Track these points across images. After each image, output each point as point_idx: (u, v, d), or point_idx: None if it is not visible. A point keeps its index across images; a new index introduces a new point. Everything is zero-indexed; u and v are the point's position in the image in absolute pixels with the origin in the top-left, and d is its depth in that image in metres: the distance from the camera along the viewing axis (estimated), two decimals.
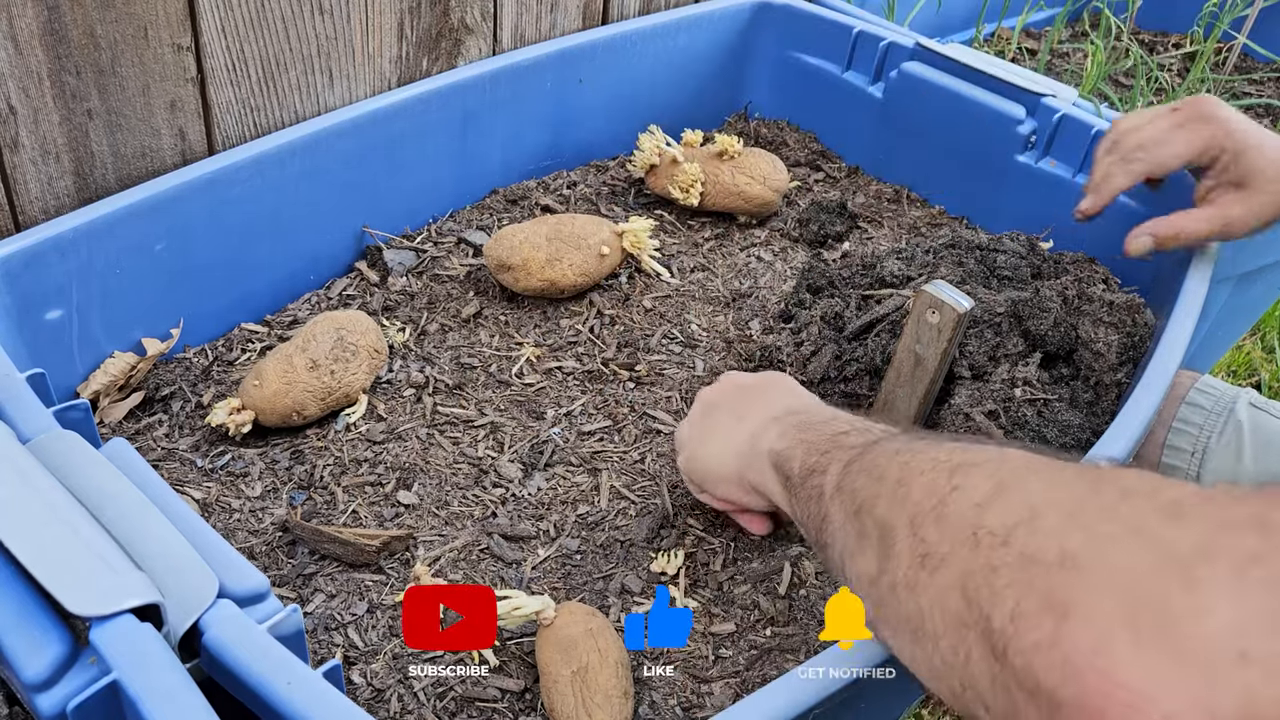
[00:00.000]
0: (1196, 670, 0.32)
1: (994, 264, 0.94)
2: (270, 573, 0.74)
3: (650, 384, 0.92)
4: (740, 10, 1.25)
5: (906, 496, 0.47)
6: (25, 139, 0.81)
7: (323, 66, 0.97)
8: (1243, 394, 0.85)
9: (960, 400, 0.82)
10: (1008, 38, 1.67)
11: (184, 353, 0.91)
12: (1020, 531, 0.39)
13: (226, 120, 0.92)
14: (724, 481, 0.70)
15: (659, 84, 1.22)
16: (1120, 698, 0.33)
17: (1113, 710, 0.33)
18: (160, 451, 0.83)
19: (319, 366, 0.83)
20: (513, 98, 1.09)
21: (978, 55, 1.11)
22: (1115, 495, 0.38)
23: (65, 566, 0.47)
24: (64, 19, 0.78)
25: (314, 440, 0.84)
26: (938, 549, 0.43)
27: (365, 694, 0.66)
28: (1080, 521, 0.38)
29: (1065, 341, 0.86)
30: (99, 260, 0.83)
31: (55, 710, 0.45)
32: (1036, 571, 0.38)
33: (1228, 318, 1.35)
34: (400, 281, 1.00)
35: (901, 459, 0.49)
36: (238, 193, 0.90)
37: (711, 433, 0.72)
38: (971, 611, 0.40)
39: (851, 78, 1.21)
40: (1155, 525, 0.36)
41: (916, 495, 0.46)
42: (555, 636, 0.66)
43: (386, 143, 1.00)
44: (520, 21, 1.12)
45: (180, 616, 0.49)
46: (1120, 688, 0.33)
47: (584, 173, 1.19)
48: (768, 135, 1.26)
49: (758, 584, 0.74)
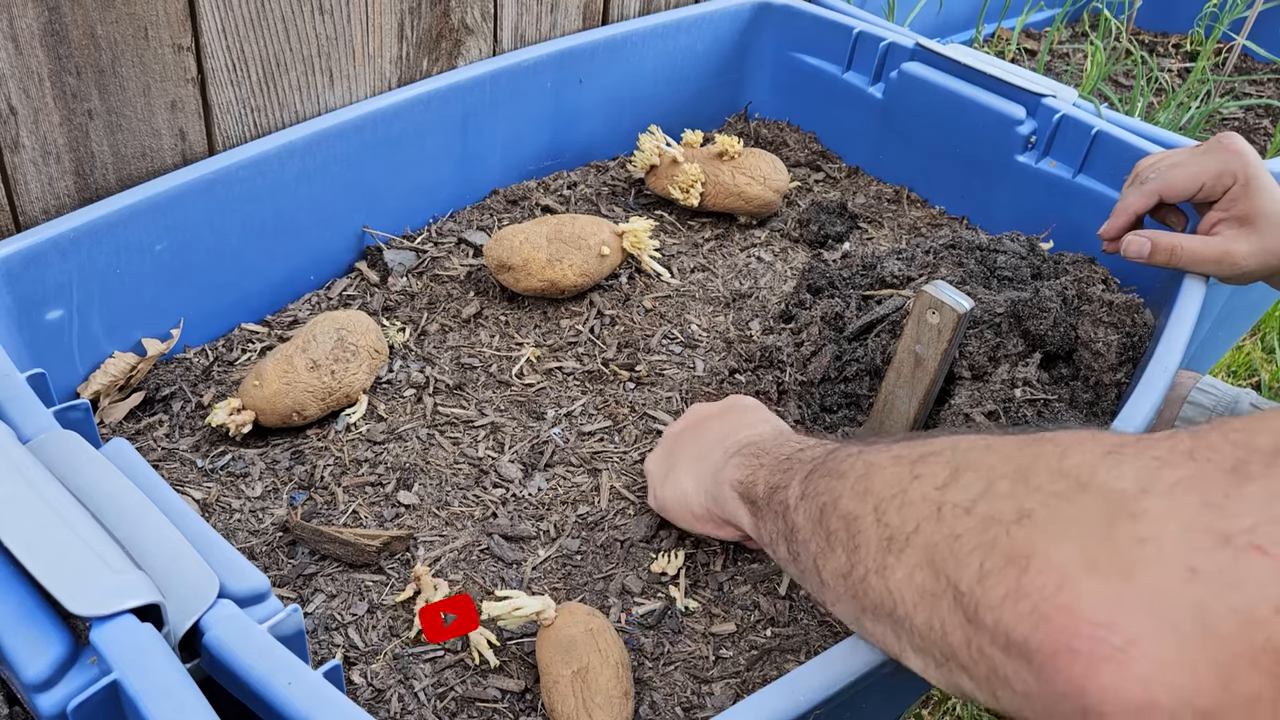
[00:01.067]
0: (1151, 592, 0.34)
1: (994, 264, 0.94)
2: (270, 573, 0.74)
3: (650, 384, 0.92)
4: (740, 10, 1.25)
5: (868, 489, 0.48)
6: (26, 139, 0.81)
7: (323, 67, 0.97)
8: (1244, 395, 0.85)
9: (960, 400, 0.82)
10: (1008, 38, 1.67)
11: (184, 353, 0.91)
12: (981, 502, 0.42)
13: (226, 120, 0.92)
14: (696, 520, 0.71)
15: (659, 84, 1.22)
16: (1086, 632, 0.35)
17: (1081, 645, 0.35)
18: (160, 451, 0.83)
19: (319, 367, 0.83)
20: (513, 98, 1.09)
21: (978, 55, 1.11)
22: (1059, 454, 0.41)
23: (65, 566, 0.47)
24: (64, 19, 0.79)
25: (314, 440, 0.84)
26: (902, 530, 0.45)
27: (365, 694, 0.67)
28: (1034, 483, 0.40)
29: (1065, 342, 0.86)
30: (99, 260, 0.83)
31: (55, 710, 0.45)
32: (997, 531, 0.40)
33: (1228, 318, 1.35)
34: (400, 282, 1.00)
35: (863, 458, 0.51)
36: (238, 193, 0.90)
37: (676, 472, 0.73)
38: (940, 581, 0.42)
39: (851, 78, 1.21)
40: (1099, 473, 0.38)
41: (879, 486, 0.48)
42: (555, 637, 0.66)
43: (386, 143, 1.00)
44: (520, 22, 1.12)
45: (180, 616, 0.49)
46: (1085, 623, 0.35)
47: (584, 173, 1.19)
48: (768, 135, 1.26)
49: (758, 584, 0.74)
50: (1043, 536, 0.38)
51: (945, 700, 1.25)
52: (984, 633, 0.40)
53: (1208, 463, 0.36)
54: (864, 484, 0.49)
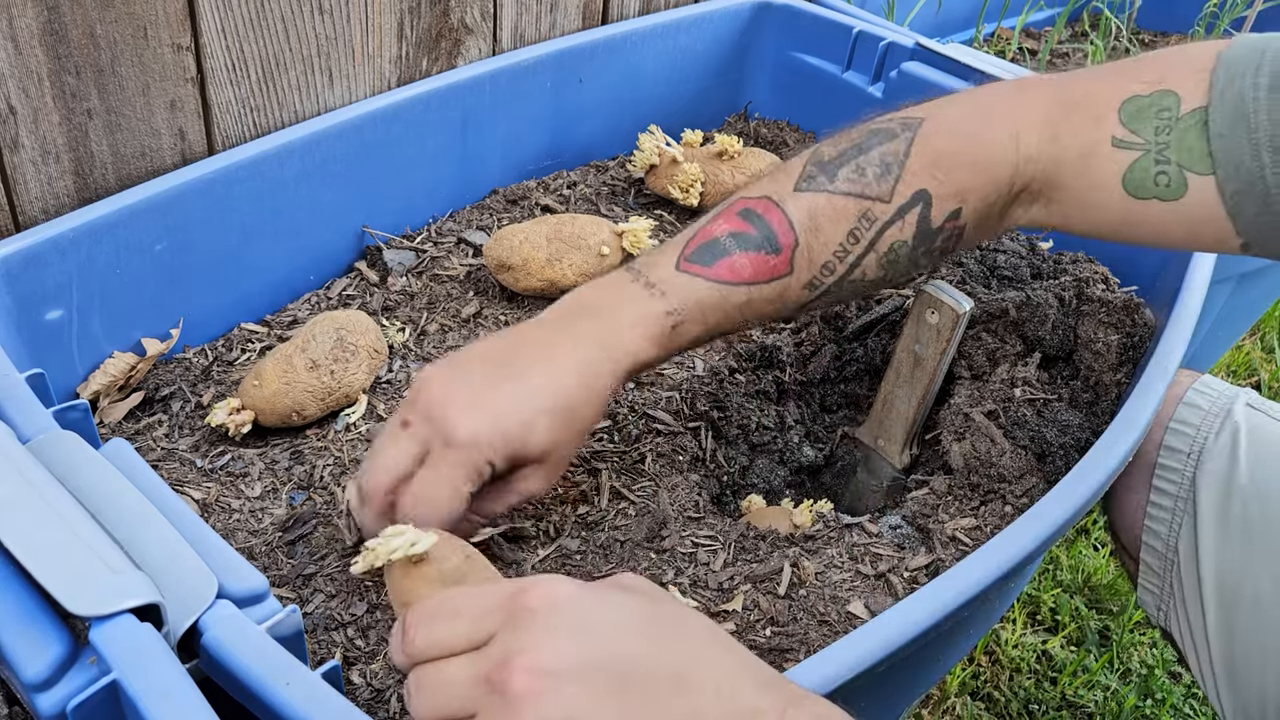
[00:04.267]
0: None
1: (994, 264, 0.94)
2: (269, 573, 0.74)
3: (650, 384, 0.92)
4: (740, 10, 1.25)
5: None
6: (25, 139, 0.81)
7: (323, 66, 0.97)
8: (1241, 394, 0.85)
9: (960, 400, 0.82)
10: (1008, 38, 1.67)
11: (184, 353, 0.91)
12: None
13: (226, 120, 0.92)
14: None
15: (659, 84, 1.22)
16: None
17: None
18: (160, 452, 0.83)
19: (319, 366, 0.83)
20: (512, 98, 1.09)
21: (978, 55, 1.11)
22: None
23: (65, 566, 0.47)
24: (64, 19, 0.79)
25: (314, 440, 0.84)
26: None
27: (365, 694, 0.67)
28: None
29: (1065, 342, 0.86)
30: (99, 260, 0.83)
31: (55, 710, 0.45)
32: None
33: (1228, 318, 1.35)
34: (400, 281, 1.00)
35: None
36: (237, 192, 0.90)
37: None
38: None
39: (851, 78, 1.21)
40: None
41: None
42: (435, 571, 0.64)
43: (386, 143, 1.00)
44: (520, 21, 1.12)
45: (180, 617, 0.49)
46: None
47: (584, 173, 1.19)
48: (768, 135, 1.26)
49: (758, 584, 0.74)
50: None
51: (945, 700, 1.25)
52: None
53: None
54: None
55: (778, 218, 0.70)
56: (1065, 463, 0.79)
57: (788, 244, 0.70)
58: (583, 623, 0.46)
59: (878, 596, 0.70)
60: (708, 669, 0.46)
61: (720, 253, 0.71)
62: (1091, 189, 0.67)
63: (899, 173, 0.70)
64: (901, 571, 0.72)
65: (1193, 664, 0.83)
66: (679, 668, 0.46)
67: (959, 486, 0.78)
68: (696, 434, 0.87)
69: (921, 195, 0.70)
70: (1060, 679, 1.29)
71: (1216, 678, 0.80)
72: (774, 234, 0.70)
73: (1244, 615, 0.78)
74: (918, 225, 0.70)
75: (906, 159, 0.70)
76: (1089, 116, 0.67)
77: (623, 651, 0.46)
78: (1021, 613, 1.36)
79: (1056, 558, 1.43)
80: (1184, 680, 1.31)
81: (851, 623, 0.69)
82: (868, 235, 0.70)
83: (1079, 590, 1.40)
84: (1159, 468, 0.84)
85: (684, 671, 0.46)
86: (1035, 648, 1.33)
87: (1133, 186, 0.65)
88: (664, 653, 0.46)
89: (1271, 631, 0.77)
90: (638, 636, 0.47)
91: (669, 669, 0.46)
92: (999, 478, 0.77)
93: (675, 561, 0.75)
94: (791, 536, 0.77)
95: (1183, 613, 0.83)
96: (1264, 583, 0.77)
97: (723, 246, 0.71)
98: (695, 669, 0.46)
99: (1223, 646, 0.79)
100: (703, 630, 0.49)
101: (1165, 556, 0.83)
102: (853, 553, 0.74)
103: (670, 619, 0.49)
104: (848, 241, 0.70)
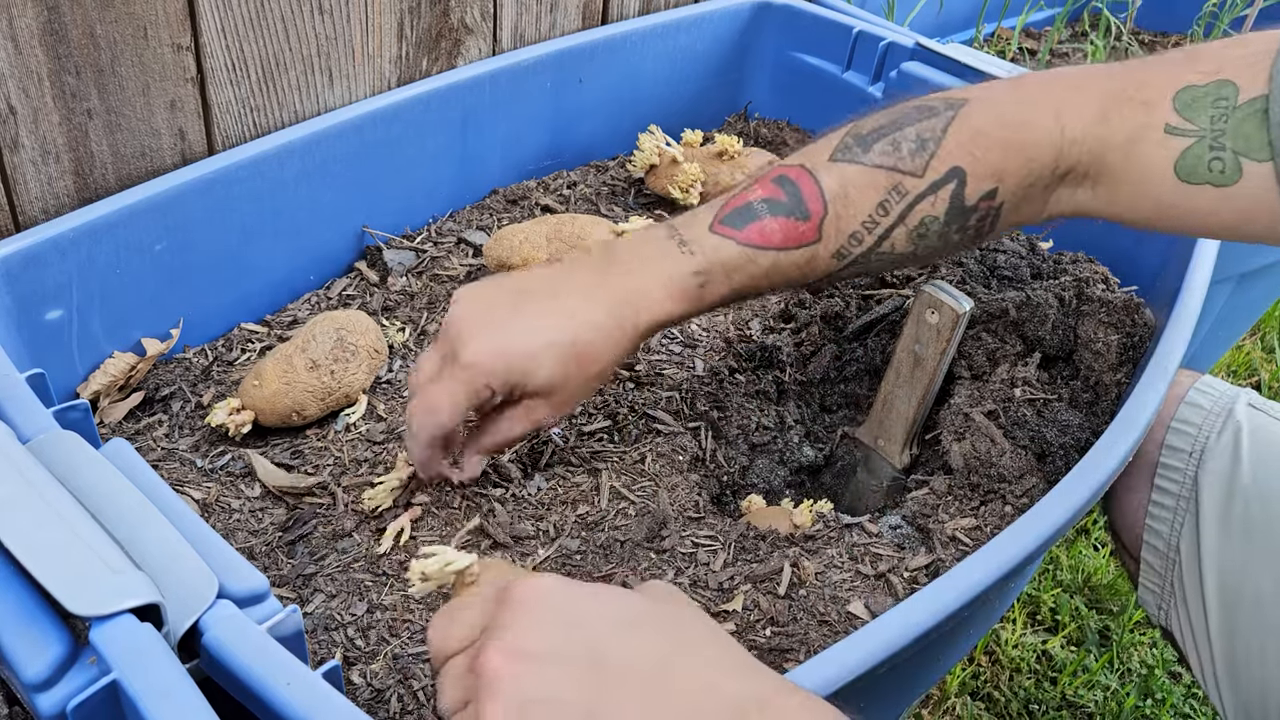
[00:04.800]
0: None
1: (994, 264, 0.94)
2: (270, 573, 0.74)
3: (650, 384, 0.92)
4: (740, 10, 1.25)
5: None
6: (25, 139, 0.81)
7: (322, 66, 0.97)
8: (1242, 394, 0.85)
9: (960, 400, 0.82)
10: (1008, 38, 1.67)
11: (184, 353, 0.91)
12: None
13: (226, 120, 0.92)
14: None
15: (659, 84, 1.22)
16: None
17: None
18: (160, 452, 0.83)
19: (319, 366, 0.83)
20: (512, 98, 1.09)
21: (978, 55, 1.11)
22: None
23: (65, 566, 0.47)
24: (64, 19, 0.79)
25: (314, 440, 0.84)
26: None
27: (365, 694, 0.66)
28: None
29: (1065, 342, 0.86)
30: (99, 260, 0.83)
31: (55, 710, 0.45)
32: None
33: (1228, 318, 1.35)
34: (400, 281, 1.00)
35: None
36: (237, 192, 0.90)
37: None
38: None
39: (851, 78, 1.21)
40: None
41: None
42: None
43: (386, 143, 1.00)
44: (520, 21, 1.12)
45: (180, 617, 0.49)
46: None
47: (584, 173, 1.19)
48: (768, 135, 1.26)
49: (758, 584, 0.74)
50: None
51: (945, 700, 1.25)
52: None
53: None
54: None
55: (809, 186, 0.71)
56: (1065, 463, 0.79)
57: (817, 212, 0.71)
58: (567, 611, 0.47)
59: (878, 597, 0.70)
60: (697, 662, 0.47)
61: (751, 216, 0.72)
62: (1141, 173, 0.67)
63: (934, 149, 0.70)
64: (901, 572, 0.72)
65: (1193, 663, 0.83)
66: (664, 658, 0.46)
67: (959, 486, 0.78)
68: (696, 434, 0.86)
69: (956, 172, 0.70)
70: (1060, 679, 1.29)
71: (1218, 677, 0.80)
72: (804, 201, 0.71)
73: (1245, 615, 0.78)
74: (950, 201, 0.70)
75: (944, 136, 0.70)
76: (1140, 103, 0.67)
77: (606, 639, 0.46)
78: (1021, 613, 1.36)
79: (1056, 558, 1.44)
80: (1184, 680, 1.31)
81: (851, 623, 0.69)
82: (897, 208, 0.71)
83: (1079, 590, 1.40)
84: (1161, 467, 0.84)
85: (669, 661, 0.46)
86: (1035, 648, 1.33)
87: (1185, 172, 0.65)
88: (650, 644, 0.47)
89: (1273, 631, 0.77)
90: (625, 627, 0.47)
91: (653, 658, 0.46)
92: (999, 478, 0.77)
93: (675, 561, 0.75)
94: (791, 536, 0.77)
95: (1184, 612, 0.83)
96: (1265, 583, 0.77)
97: (755, 211, 0.72)
98: (682, 660, 0.47)
99: (1224, 646, 0.79)
100: (703, 630, 0.50)
101: (1166, 556, 0.83)
102: (853, 553, 0.74)
103: (670, 618, 0.49)
104: (877, 213, 0.71)
